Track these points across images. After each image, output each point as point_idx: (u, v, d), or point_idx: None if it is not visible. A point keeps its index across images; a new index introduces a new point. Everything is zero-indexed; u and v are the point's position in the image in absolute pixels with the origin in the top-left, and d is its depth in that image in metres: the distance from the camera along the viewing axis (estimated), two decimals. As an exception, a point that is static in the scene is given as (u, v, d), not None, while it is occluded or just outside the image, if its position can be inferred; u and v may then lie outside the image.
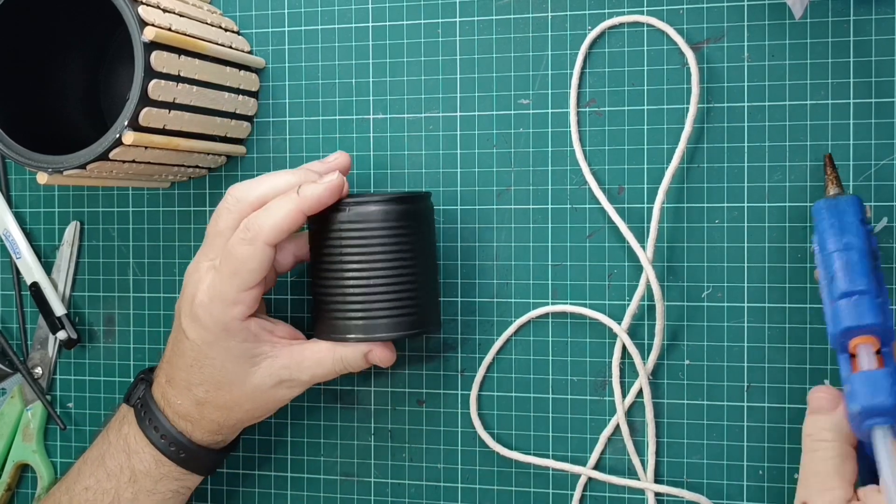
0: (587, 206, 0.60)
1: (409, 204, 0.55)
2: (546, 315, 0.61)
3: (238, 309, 0.55)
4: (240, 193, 0.55)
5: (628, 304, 0.59)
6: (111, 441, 0.59)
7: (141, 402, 0.59)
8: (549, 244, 0.61)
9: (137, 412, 0.59)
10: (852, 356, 0.48)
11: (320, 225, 0.56)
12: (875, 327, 0.47)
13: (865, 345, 0.48)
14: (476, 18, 0.61)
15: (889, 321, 0.48)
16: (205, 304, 0.55)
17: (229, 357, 0.56)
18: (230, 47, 0.61)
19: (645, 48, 0.59)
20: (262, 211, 0.54)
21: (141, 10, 0.53)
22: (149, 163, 0.58)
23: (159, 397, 0.59)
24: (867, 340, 0.48)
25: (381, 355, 0.57)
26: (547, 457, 0.61)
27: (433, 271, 0.58)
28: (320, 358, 0.57)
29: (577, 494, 0.60)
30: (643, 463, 0.60)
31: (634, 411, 0.60)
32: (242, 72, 0.62)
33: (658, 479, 0.59)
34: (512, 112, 0.61)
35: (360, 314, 0.55)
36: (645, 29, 0.59)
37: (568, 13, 0.60)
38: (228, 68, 0.61)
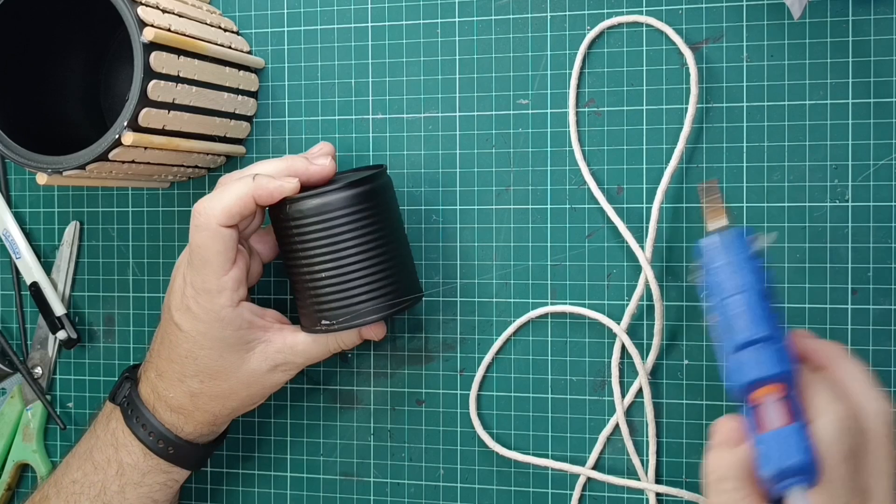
0: (586, 206, 0.60)
1: (358, 188, 0.55)
2: (545, 315, 0.61)
3: (225, 296, 0.55)
4: (227, 181, 0.57)
5: (627, 304, 0.59)
6: (99, 436, 0.60)
7: (127, 401, 0.59)
8: (549, 244, 0.61)
9: (124, 410, 0.59)
10: (755, 407, 0.44)
11: (277, 223, 0.56)
12: (780, 375, 0.44)
13: (770, 394, 0.43)
14: (475, 18, 0.61)
15: (790, 363, 0.44)
16: (193, 296, 0.55)
17: (225, 346, 0.56)
18: (230, 47, 0.61)
19: (644, 48, 0.59)
20: (213, 193, 0.55)
21: (140, 10, 0.53)
22: (148, 163, 0.58)
23: (148, 393, 0.59)
24: (772, 389, 0.44)
25: (374, 331, 0.58)
26: (546, 457, 0.61)
27: (401, 243, 0.58)
28: (314, 339, 0.57)
29: (576, 494, 0.60)
30: (643, 463, 0.60)
31: (633, 411, 0.60)
32: (242, 72, 0.62)
33: (657, 479, 0.59)
34: (511, 112, 0.61)
35: (338, 303, 0.55)
36: (644, 29, 0.59)
37: (567, 13, 0.60)
38: (228, 68, 0.61)
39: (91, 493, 0.59)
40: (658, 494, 0.59)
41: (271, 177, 0.55)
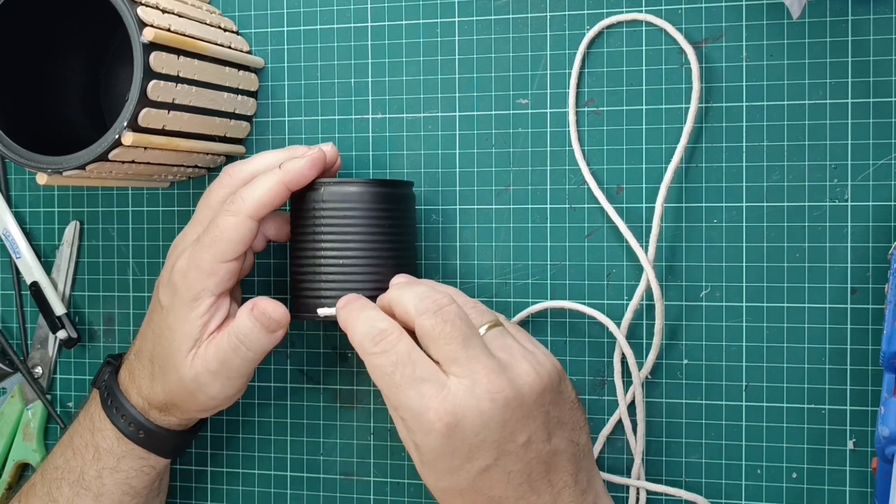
0: (586, 205, 0.60)
1: (383, 188, 0.56)
2: (545, 314, 0.61)
3: (212, 280, 0.55)
4: (233, 171, 0.57)
5: (627, 304, 0.59)
6: (80, 421, 0.61)
7: (105, 385, 0.60)
8: (548, 244, 0.61)
9: (101, 394, 0.60)
10: None
11: (297, 205, 0.57)
12: None
13: None
14: (474, 18, 0.61)
15: None
16: (182, 270, 0.55)
17: (183, 332, 0.55)
18: (229, 47, 0.61)
19: (643, 47, 0.59)
20: (248, 185, 0.55)
21: (140, 10, 0.53)
22: (148, 163, 0.58)
23: (125, 376, 0.59)
24: None
25: (266, 305, 0.55)
26: (546, 456, 0.61)
27: (408, 254, 0.58)
28: (218, 340, 0.56)
29: (575, 494, 0.60)
30: (643, 461, 0.60)
31: (634, 410, 0.60)
32: (241, 72, 0.62)
33: (656, 479, 0.59)
34: (510, 112, 0.61)
35: (330, 292, 0.55)
36: (643, 28, 0.59)
37: (566, 13, 0.60)
38: (227, 68, 0.61)
39: (70, 479, 0.59)
40: (656, 494, 0.59)
41: (297, 157, 0.56)
